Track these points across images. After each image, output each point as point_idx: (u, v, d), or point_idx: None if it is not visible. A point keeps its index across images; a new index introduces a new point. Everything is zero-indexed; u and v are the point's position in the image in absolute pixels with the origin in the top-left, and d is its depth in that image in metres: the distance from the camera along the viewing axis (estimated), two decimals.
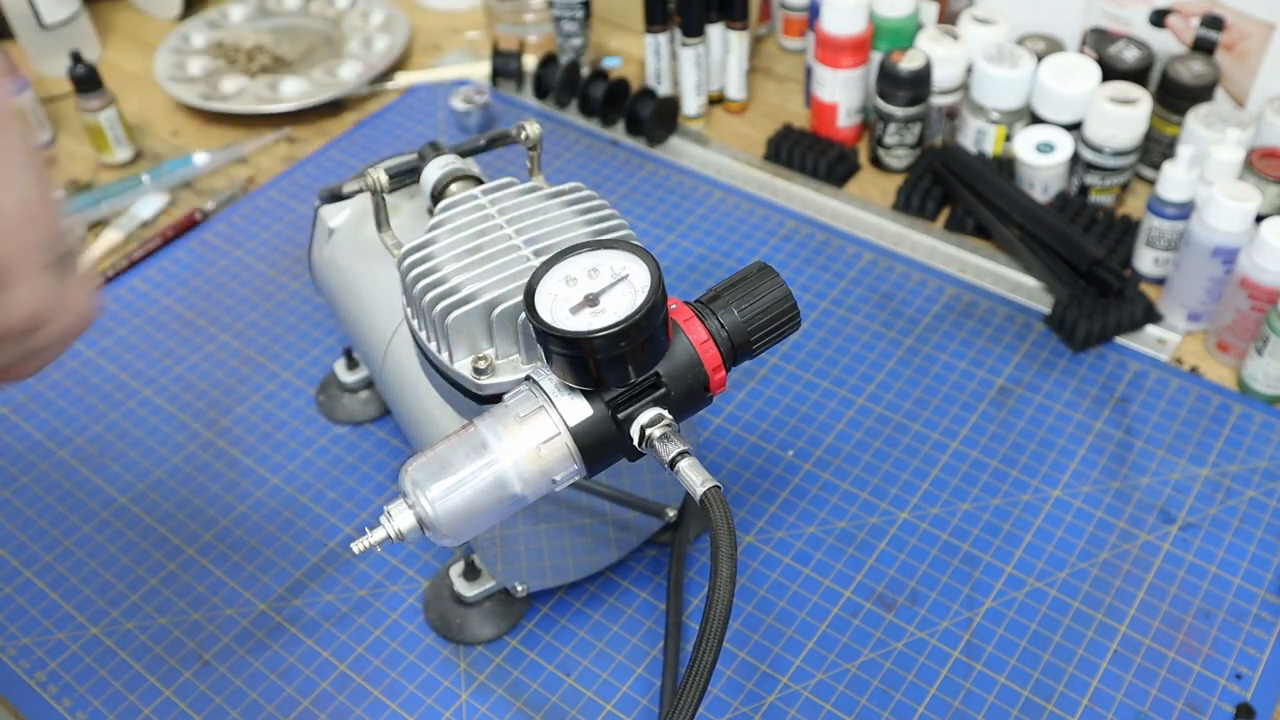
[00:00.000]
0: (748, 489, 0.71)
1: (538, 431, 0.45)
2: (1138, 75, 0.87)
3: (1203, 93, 0.85)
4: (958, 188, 0.87)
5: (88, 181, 0.98)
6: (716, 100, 1.01)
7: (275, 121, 1.03)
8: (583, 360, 0.43)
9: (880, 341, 0.80)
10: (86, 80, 0.94)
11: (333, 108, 1.04)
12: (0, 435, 0.77)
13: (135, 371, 0.81)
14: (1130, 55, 0.88)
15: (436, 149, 0.63)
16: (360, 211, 0.69)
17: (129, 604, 0.68)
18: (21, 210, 0.40)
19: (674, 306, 0.47)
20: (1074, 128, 0.86)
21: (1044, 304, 0.81)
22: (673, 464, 0.45)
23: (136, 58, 1.13)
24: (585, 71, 1.00)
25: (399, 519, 0.44)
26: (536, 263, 0.49)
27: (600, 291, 0.44)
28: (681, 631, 0.64)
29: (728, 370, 0.47)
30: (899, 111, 0.89)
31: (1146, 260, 0.81)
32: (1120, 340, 0.79)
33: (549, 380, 0.45)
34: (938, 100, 0.92)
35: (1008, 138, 0.89)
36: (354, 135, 1.01)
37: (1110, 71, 0.87)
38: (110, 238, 0.91)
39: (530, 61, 1.06)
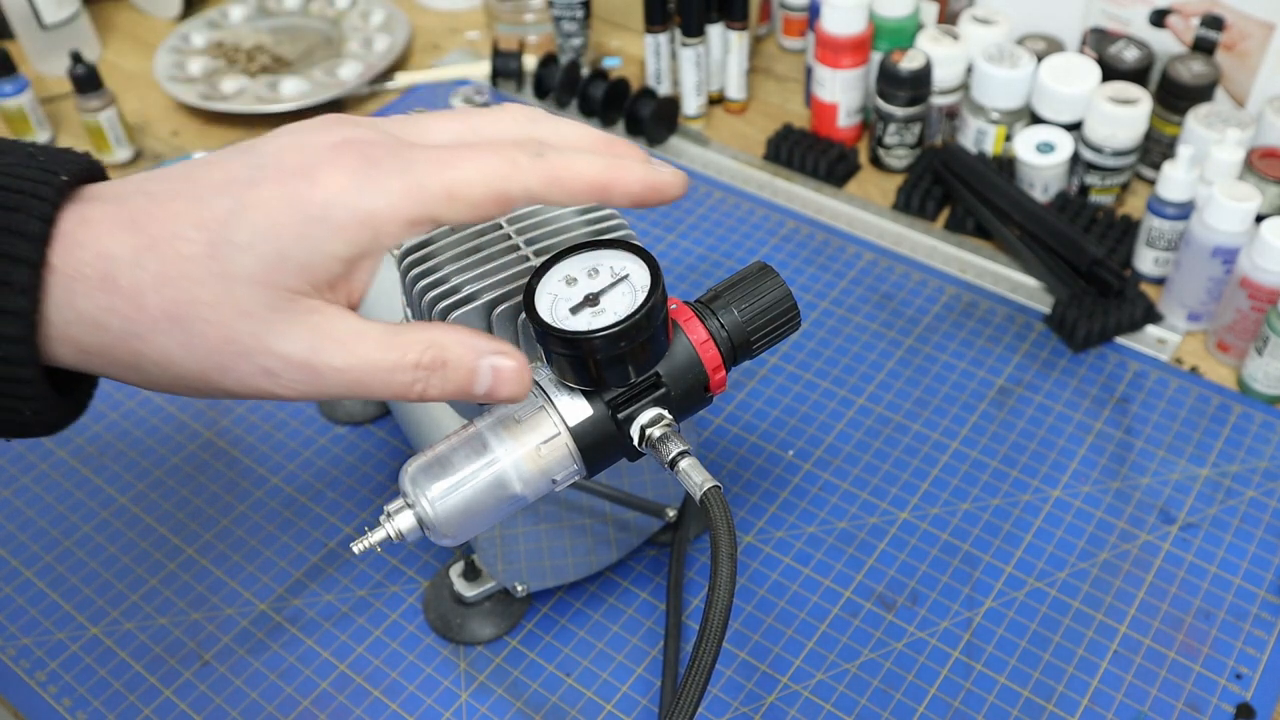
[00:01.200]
0: (748, 489, 0.71)
1: (538, 431, 0.45)
2: (1138, 75, 0.87)
3: (1203, 93, 0.85)
4: (958, 188, 0.87)
5: None
6: (716, 100, 1.01)
7: (275, 121, 1.03)
8: (583, 360, 0.43)
9: (880, 341, 0.80)
10: (86, 80, 0.94)
11: (333, 108, 1.04)
12: None
13: None
14: (1130, 55, 0.88)
15: None
16: None
17: (129, 604, 0.68)
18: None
19: (674, 306, 0.47)
20: (1074, 128, 0.86)
21: (1044, 304, 0.81)
22: (673, 464, 0.45)
23: (136, 58, 1.13)
24: (585, 71, 1.00)
25: (399, 519, 0.44)
26: (536, 263, 0.49)
27: (600, 291, 0.44)
28: (681, 631, 0.64)
29: (728, 370, 0.47)
30: (899, 111, 0.89)
31: (1146, 260, 0.81)
32: (1120, 340, 0.79)
33: (549, 380, 0.45)
34: (938, 100, 0.92)
35: (1008, 138, 0.89)
36: None
37: (1110, 71, 0.87)
38: None
39: (530, 61, 1.06)
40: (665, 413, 0.45)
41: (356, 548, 0.44)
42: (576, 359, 0.43)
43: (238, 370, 0.37)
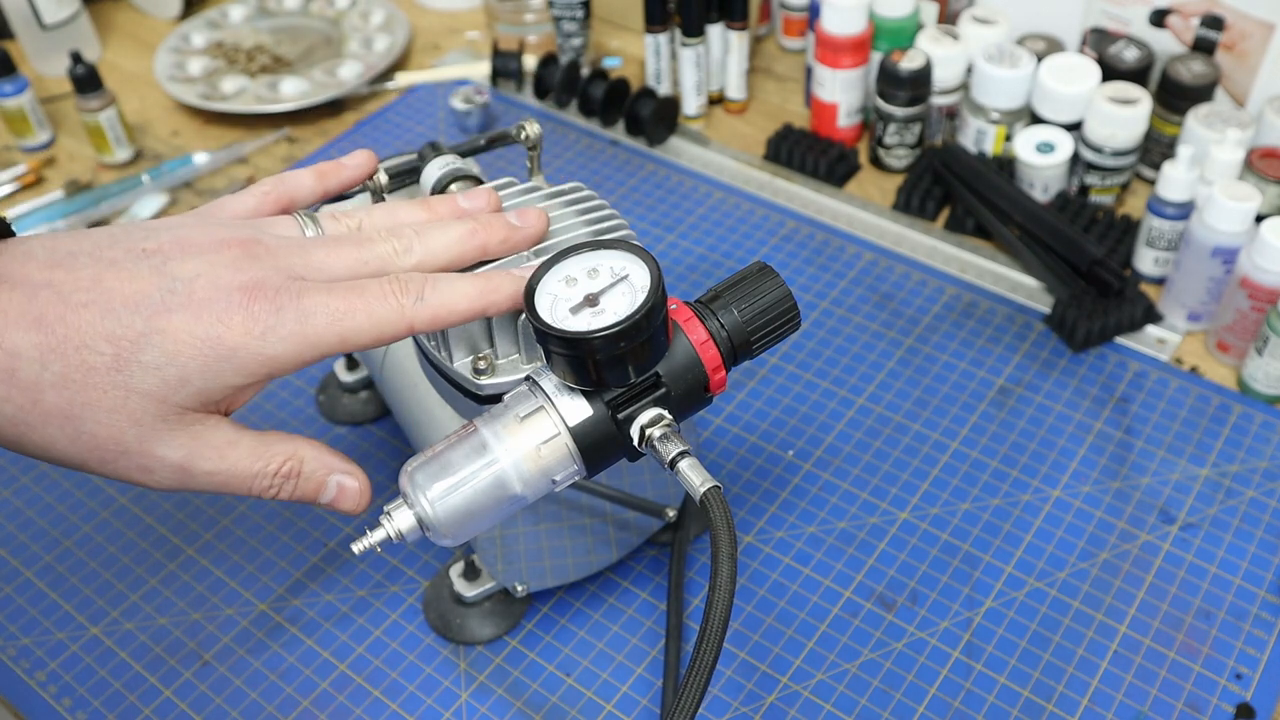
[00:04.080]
0: (748, 489, 0.71)
1: (538, 431, 0.45)
2: (1138, 75, 0.87)
3: (1203, 93, 0.85)
4: (958, 188, 0.87)
5: (88, 181, 0.98)
6: (716, 100, 1.01)
7: (275, 121, 1.03)
8: (583, 360, 0.43)
9: (880, 341, 0.80)
10: (86, 80, 0.94)
11: (333, 108, 1.04)
12: None
13: None
14: (1130, 55, 0.88)
15: (436, 149, 0.63)
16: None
17: (129, 604, 0.68)
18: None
19: (674, 306, 0.47)
20: (1074, 128, 0.86)
21: (1044, 304, 0.81)
22: (673, 464, 0.45)
23: (136, 58, 1.13)
24: (585, 71, 1.00)
25: (399, 519, 0.44)
26: (536, 263, 0.49)
27: (600, 291, 0.44)
28: (682, 632, 0.64)
29: (728, 370, 0.47)
30: (899, 111, 0.89)
31: (1146, 260, 0.81)
32: (1120, 340, 0.79)
33: (549, 380, 0.45)
34: (938, 100, 0.92)
35: (1008, 138, 0.89)
36: (354, 135, 1.01)
37: (1110, 71, 0.87)
38: None
39: (530, 61, 1.06)
40: (665, 413, 0.45)
41: (356, 548, 0.45)
42: (576, 359, 0.43)
43: (116, 464, 0.41)
